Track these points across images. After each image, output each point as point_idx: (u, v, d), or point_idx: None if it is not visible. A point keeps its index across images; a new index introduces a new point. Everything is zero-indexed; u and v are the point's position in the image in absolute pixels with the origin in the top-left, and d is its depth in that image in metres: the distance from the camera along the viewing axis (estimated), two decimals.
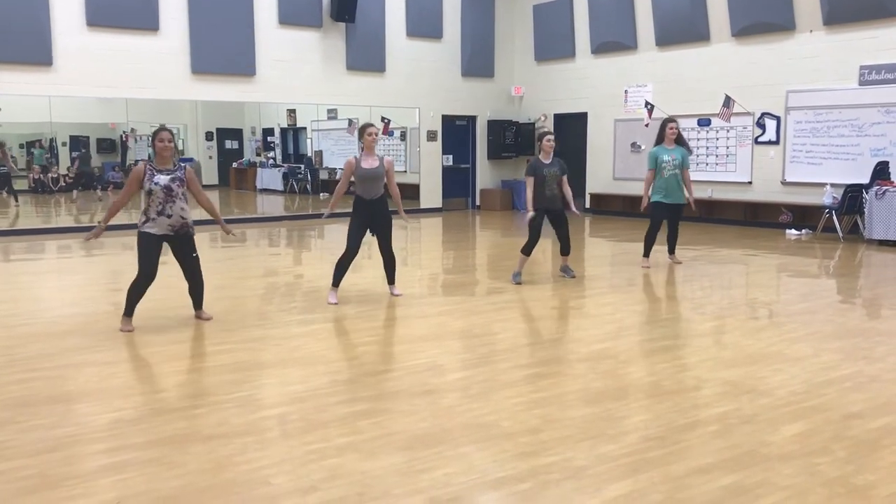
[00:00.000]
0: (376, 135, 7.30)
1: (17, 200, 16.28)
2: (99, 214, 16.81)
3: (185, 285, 6.49)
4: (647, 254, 9.49)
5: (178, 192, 6.14)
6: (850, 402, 4.48)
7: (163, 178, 6.08)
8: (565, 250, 8.64)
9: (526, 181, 8.40)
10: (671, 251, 9.74)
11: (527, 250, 8.45)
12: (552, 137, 8.40)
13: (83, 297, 7.84)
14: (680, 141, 9.39)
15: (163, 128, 6.20)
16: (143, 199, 6.21)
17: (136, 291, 6.18)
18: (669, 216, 9.48)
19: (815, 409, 4.36)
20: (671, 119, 9.62)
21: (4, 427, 4.07)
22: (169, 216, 6.10)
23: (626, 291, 8.14)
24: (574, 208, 8.61)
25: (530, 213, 8.26)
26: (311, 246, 13.10)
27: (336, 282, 7.39)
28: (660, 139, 9.43)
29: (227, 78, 14.71)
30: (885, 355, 5.49)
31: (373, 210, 7.28)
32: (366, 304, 7.33)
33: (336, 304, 7.24)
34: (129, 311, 6.23)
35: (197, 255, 6.39)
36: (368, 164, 7.22)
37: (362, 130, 7.31)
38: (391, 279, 7.67)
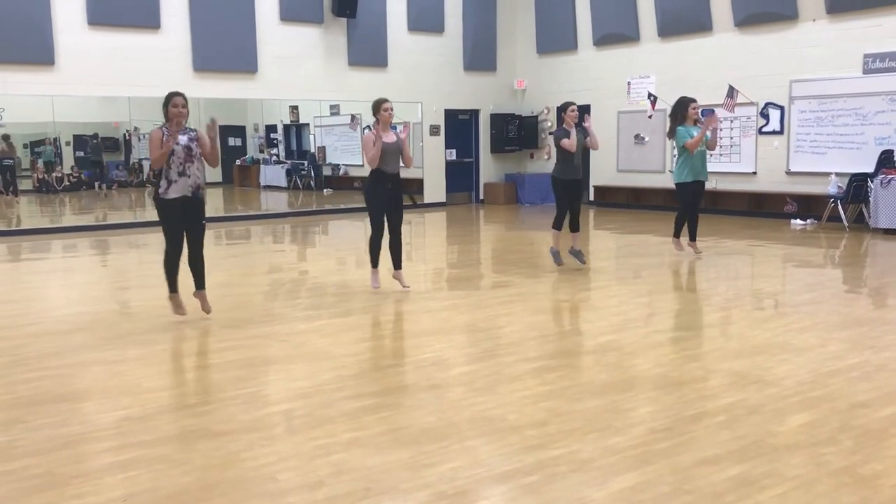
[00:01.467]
0: (391, 110, 7.24)
1: (16, 195, 16.25)
2: (103, 212, 16.85)
3: (188, 283, 6.47)
4: (678, 234, 9.50)
5: (196, 153, 6.17)
6: (857, 391, 4.47)
7: (183, 139, 6.11)
8: (575, 226, 8.63)
9: (562, 144, 8.33)
10: (693, 237, 9.58)
11: (558, 224, 8.56)
12: (576, 107, 8.39)
13: (90, 296, 7.86)
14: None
15: (176, 93, 6.15)
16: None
17: (171, 264, 6.23)
18: (695, 196, 9.40)
19: (822, 398, 4.35)
20: (693, 98, 9.50)
21: (13, 426, 4.09)
22: (189, 176, 6.11)
23: (631, 283, 8.13)
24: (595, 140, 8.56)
25: (568, 142, 8.27)
26: (316, 242, 13.11)
27: (375, 263, 7.46)
28: (681, 118, 9.31)
29: (229, 75, 14.71)
30: (892, 344, 5.48)
31: (392, 184, 7.28)
32: (371, 299, 7.33)
33: (378, 287, 7.39)
34: (173, 287, 6.28)
35: (204, 224, 6.37)
36: (389, 137, 7.23)
37: (377, 106, 7.23)
38: (398, 263, 7.56)
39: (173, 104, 6.07)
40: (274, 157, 21.60)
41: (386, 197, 7.29)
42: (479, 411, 4.22)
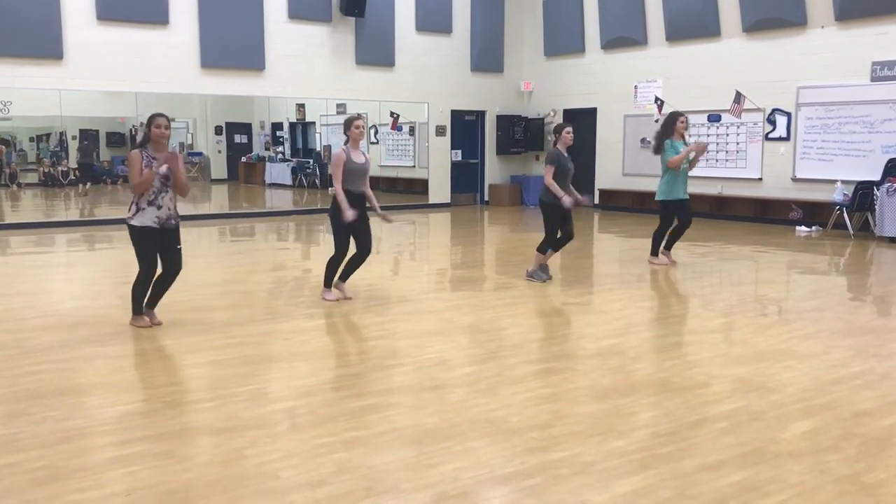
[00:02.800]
0: (363, 128, 7.02)
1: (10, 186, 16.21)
2: (106, 207, 16.88)
3: (196, 279, 6.48)
4: (656, 252, 9.27)
5: (170, 183, 5.91)
6: (861, 399, 4.46)
7: (162, 168, 5.82)
8: (561, 245, 8.26)
9: (545, 170, 8.05)
10: (669, 247, 9.31)
11: (545, 248, 8.15)
12: (571, 129, 8.10)
13: (93, 291, 7.88)
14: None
15: (159, 114, 5.89)
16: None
17: (141, 286, 6.01)
18: (683, 211, 9.13)
19: (825, 406, 4.34)
20: (681, 113, 9.36)
21: (16, 419, 4.10)
22: (159, 207, 5.86)
23: (634, 288, 8.12)
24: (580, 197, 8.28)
25: (568, 200, 7.94)
26: (320, 240, 13.11)
27: (329, 282, 7.20)
28: (669, 133, 9.09)
29: (237, 72, 14.73)
30: None
31: (359, 204, 6.96)
32: (374, 298, 7.33)
33: (334, 300, 7.10)
34: (138, 309, 6.08)
35: (180, 250, 6.09)
36: (357, 157, 6.94)
37: (349, 123, 6.93)
38: (346, 276, 7.26)
39: (156, 125, 5.80)
40: (279, 155, 21.60)
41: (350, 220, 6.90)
42: (481, 412, 4.22)
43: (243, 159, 22.28)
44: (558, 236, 8.15)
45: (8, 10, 12.62)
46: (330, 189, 7.18)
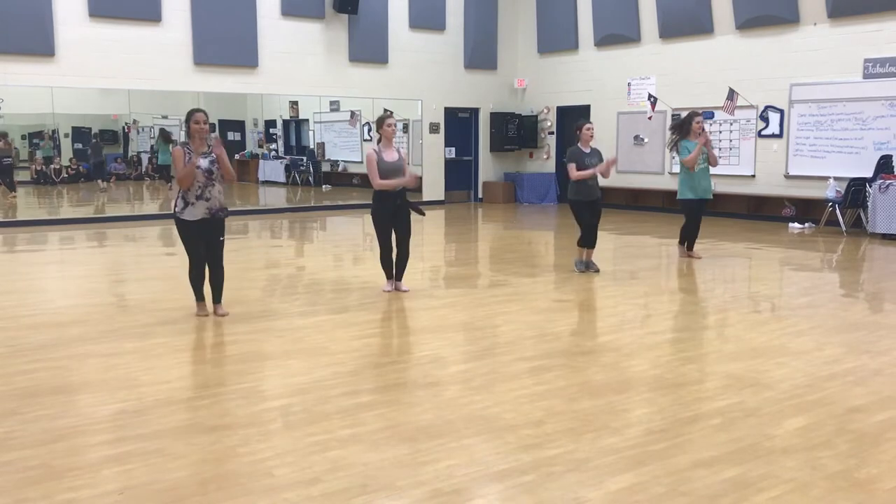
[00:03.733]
0: (395, 126, 7.22)
1: (13, 191, 16.22)
2: (100, 205, 16.82)
3: (185, 277, 6.46)
4: (683, 242, 9.58)
5: (217, 174, 6.19)
6: (853, 395, 4.48)
7: (204, 162, 6.10)
8: (592, 242, 8.51)
9: (569, 169, 8.25)
10: (691, 247, 9.61)
11: (587, 243, 8.48)
12: (591, 126, 8.30)
13: (86, 289, 7.85)
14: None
15: (197, 109, 6.18)
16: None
17: (194, 277, 6.34)
18: (699, 212, 9.42)
19: (818, 402, 4.36)
20: (699, 113, 9.42)
21: (9, 417, 4.08)
22: (208, 199, 6.16)
23: (628, 284, 8.13)
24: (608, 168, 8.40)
25: (596, 169, 8.20)
26: (314, 238, 13.10)
27: (389, 275, 7.45)
28: (686, 133, 9.21)
29: (230, 69, 14.68)
30: (888, 349, 5.49)
31: (397, 202, 7.22)
32: (368, 296, 7.33)
33: (390, 291, 7.37)
34: (199, 297, 6.40)
35: (223, 240, 6.43)
36: (389, 156, 7.15)
37: (381, 122, 7.18)
38: (400, 274, 7.52)
39: (195, 120, 6.08)
40: (273, 153, 21.57)
41: (390, 214, 7.22)
42: (476, 410, 4.22)
43: (237, 157, 22.24)
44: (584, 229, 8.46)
45: None
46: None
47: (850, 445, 3.74)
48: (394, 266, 7.42)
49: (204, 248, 6.29)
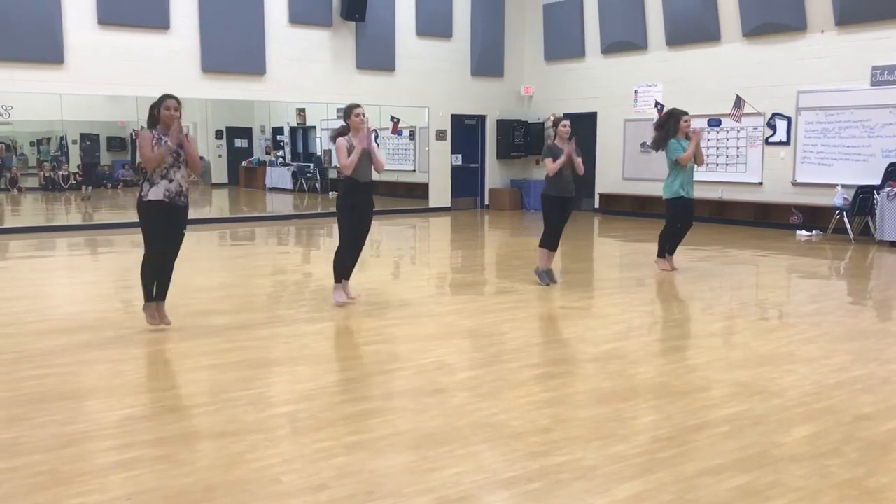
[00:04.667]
0: (363, 115, 6.87)
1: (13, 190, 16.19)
2: (107, 212, 16.88)
3: (196, 283, 6.49)
4: (663, 253, 9.17)
5: (182, 159, 5.94)
6: (862, 403, 4.46)
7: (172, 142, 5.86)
8: (555, 245, 8.30)
9: (546, 164, 8.13)
10: (672, 251, 9.23)
11: (548, 243, 8.22)
12: (568, 123, 8.16)
13: (94, 295, 7.87)
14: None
15: (169, 95, 5.93)
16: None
17: (150, 269, 5.99)
18: (686, 212, 9.08)
19: (827, 410, 4.34)
20: (685, 112, 9.18)
21: (17, 423, 4.10)
22: (170, 181, 5.87)
23: (634, 292, 8.12)
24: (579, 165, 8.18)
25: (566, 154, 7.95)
26: (320, 245, 13.12)
27: (338, 277, 7.15)
28: (673, 132, 8.94)
29: (238, 77, 14.74)
30: None
31: (363, 194, 6.94)
32: (374, 302, 7.33)
33: (343, 303, 7.09)
34: (149, 297, 6.05)
35: (184, 234, 6.10)
36: (361, 144, 6.82)
37: (349, 111, 6.85)
38: (349, 274, 7.22)
39: (165, 107, 5.86)
40: (280, 160, 21.63)
41: (358, 208, 6.95)
42: (482, 417, 4.22)
43: (244, 163, 22.31)
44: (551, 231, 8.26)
45: (8, 15, 12.63)
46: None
47: (859, 454, 3.72)
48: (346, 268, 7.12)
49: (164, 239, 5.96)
